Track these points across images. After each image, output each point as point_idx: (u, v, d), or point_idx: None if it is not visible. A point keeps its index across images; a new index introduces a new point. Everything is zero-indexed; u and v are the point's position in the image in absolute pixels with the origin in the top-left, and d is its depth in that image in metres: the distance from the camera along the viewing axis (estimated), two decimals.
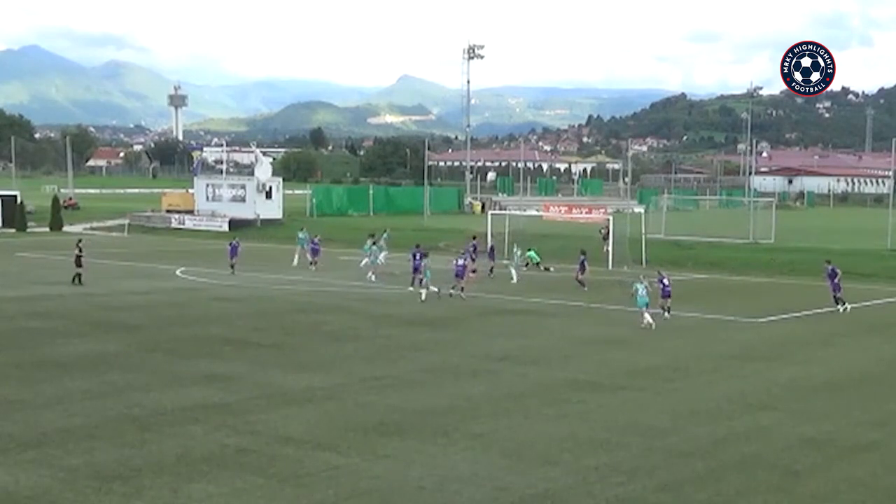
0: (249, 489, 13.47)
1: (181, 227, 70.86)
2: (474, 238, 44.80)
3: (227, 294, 35.63)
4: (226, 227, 68.04)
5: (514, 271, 41.65)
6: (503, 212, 62.09)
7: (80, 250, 37.64)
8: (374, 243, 42.72)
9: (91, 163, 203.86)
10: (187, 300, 33.94)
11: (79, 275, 36.93)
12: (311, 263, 43.99)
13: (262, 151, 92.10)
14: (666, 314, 30.75)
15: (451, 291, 34.80)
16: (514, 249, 43.65)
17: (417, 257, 36.72)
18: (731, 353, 25.40)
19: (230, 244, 43.05)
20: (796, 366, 23.83)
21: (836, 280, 33.49)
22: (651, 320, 28.67)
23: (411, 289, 36.44)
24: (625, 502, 13.37)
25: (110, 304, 32.20)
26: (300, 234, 48.46)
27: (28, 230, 67.94)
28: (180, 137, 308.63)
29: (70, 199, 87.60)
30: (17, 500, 12.87)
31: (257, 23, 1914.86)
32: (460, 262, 35.40)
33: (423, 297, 34.02)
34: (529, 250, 46.00)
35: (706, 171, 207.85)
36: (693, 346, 26.45)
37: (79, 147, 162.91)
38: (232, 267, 41.68)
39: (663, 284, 31.06)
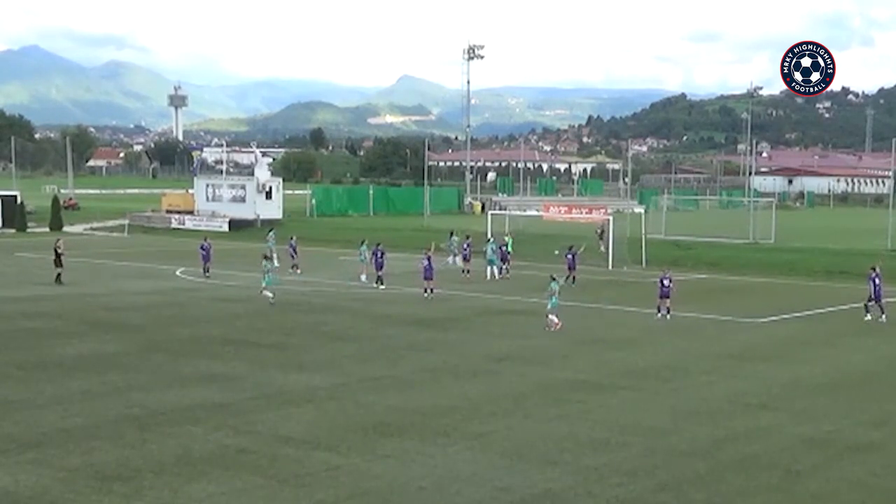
0: (250, 489, 13.47)
1: (181, 227, 70.86)
2: (468, 238, 44.83)
3: (226, 294, 35.63)
4: (226, 228, 68.12)
5: (491, 269, 41.75)
6: (503, 212, 62.15)
7: (59, 249, 38.06)
8: (371, 251, 42.42)
9: (91, 163, 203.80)
10: (187, 300, 33.94)
11: (58, 273, 37.34)
12: (294, 266, 44.05)
13: (261, 152, 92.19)
14: (661, 315, 30.64)
15: (426, 295, 34.84)
16: (485, 248, 43.52)
17: (380, 255, 37.81)
18: (730, 353, 25.38)
19: (201, 246, 42.32)
20: (797, 366, 23.80)
21: (876, 286, 31.47)
22: (556, 321, 28.14)
23: (374, 286, 37.27)
24: (625, 502, 13.38)
25: (110, 305, 32.20)
26: (271, 235, 48.86)
27: (28, 230, 67.87)
28: (180, 138, 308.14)
29: (70, 199, 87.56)
30: (18, 500, 12.86)
31: (258, 23, 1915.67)
32: (426, 262, 35.34)
33: (272, 298, 32.39)
34: (493, 240, 45.42)
35: (706, 171, 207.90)
36: (693, 346, 26.44)
37: (79, 147, 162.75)
38: (206, 270, 40.91)
39: (662, 284, 30.94)
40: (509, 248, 44.32)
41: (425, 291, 35.07)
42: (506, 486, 13.78)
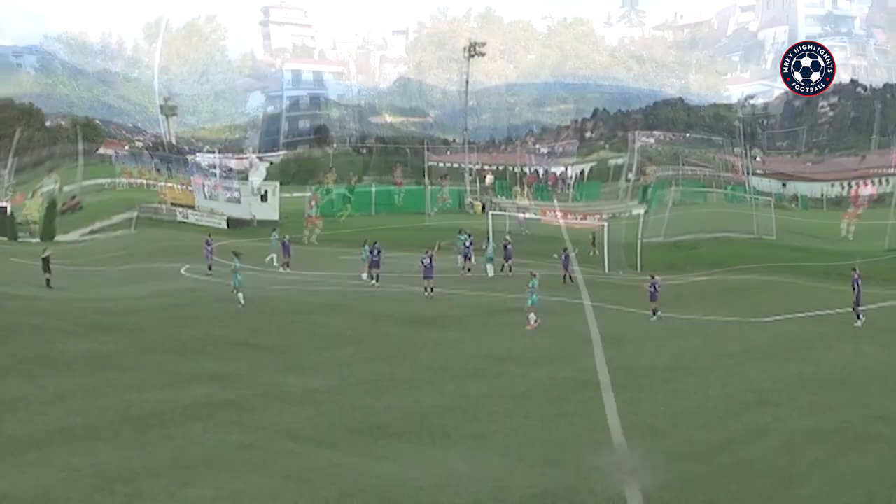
0: (251, 487, 13.48)
1: (185, 220, 71.60)
2: (469, 236, 44.90)
3: (228, 294, 35.54)
4: (224, 225, 68.83)
5: (492, 266, 41.84)
6: (503, 213, 62.34)
7: (45, 254, 37.28)
8: (369, 251, 42.26)
9: (101, 151, 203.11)
10: (190, 300, 33.89)
11: (48, 279, 36.43)
12: (285, 264, 44.31)
13: (258, 157, 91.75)
14: (655, 318, 30.56)
15: (426, 294, 34.91)
16: (484, 246, 43.54)
17: (376, 253, 38.50)
18: (731, 353, 25.31)
19: (206, 242, 42.91)
20: (798, 366, 23.72)
21: (855, 288, 31.34)
22: (535, 318, 28.44)
23: (373, 282, 38.05)
24: (625, 503, 13.39)
25: (114, 306, 32.19)
26: (274, 235, 48.98)
27: (20, 240, 65.61)
28: (174, 141, 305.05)
29: (73, 197, 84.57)
30: (19, 500, 12.88)
31: (258, 19, 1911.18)
32: (426, 261, 35.37)
33: (242, 301, 31.98)
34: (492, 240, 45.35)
35: (709, 166, 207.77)
36: (693, 347, 26.37)
37: (89, 135, 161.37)
38: (209, 268, 41.64)
39: (655, 287, 31.03)
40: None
41: (426, 290, 35.08)
42: (506, 486, 13.78)
